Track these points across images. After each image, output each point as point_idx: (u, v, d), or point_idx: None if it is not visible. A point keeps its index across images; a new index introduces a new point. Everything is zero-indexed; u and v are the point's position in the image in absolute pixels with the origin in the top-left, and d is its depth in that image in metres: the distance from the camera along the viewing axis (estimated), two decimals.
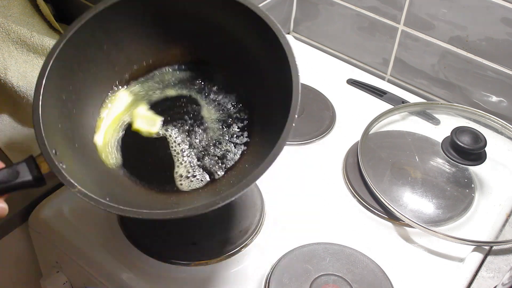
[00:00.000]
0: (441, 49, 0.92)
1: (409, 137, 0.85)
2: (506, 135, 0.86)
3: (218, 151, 0.64)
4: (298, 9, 1.07)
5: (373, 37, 0.99)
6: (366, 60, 1.03)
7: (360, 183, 0.78)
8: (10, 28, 0.75)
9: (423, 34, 0.93)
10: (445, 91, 0.96)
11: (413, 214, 0.73)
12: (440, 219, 0.74)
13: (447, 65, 0.93)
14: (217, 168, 0.63)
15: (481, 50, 0.88)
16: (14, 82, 0.74)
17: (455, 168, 0.79)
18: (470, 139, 0.77)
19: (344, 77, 1.00)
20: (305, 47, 1.08)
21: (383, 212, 0.75)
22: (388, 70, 1.01)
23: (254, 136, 0.64)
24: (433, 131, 0.86)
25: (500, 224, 0.75)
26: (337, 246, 0.69)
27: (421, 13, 0.91)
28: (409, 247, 0.72)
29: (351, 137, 0.86)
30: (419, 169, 0.80)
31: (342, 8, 1.00)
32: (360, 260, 0.67)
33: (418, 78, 0.98)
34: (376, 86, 0.98)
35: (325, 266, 0.66)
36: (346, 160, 0.82)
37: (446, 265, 0.70)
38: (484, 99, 0.92)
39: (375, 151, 0.82)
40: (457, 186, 0.78)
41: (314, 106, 0.92)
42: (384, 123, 0.87)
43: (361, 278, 0.65)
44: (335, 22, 1.03)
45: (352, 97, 0.96)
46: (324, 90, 0.95)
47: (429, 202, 0.75)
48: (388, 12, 0.95)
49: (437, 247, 0.72)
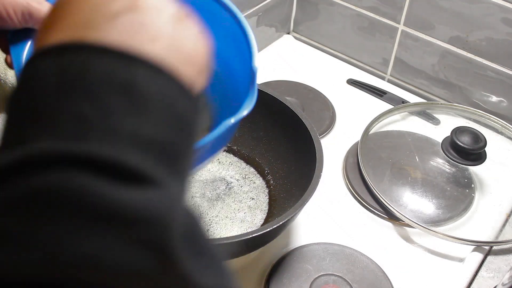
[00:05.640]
0: (441, 49, 0.92)
1: (409, 137, 0.85)
2: (506, 135, 0.86)
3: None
4: (298, 9, 1.07)
5: (373, 37, 0.99)
6: (366, 60, 1.03)
7: (360, 183, 0.78)
8: None
9: (423, 34, 0.93)
10: (445, 91, 0.96)
11: (413, 214, 0.73)
12: (440, 219, 0.74)
13: (447, 65, 0.93)
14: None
15: (481, 50, 0.88)
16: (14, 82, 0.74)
17: (455, 168, 0.79)
18: (470, 139, 0.77)
19: (344, 77, 1.00)
20: (305, 47, 1.08)
21: (383, 212, 0.75)
22: (388, 70, 1.01)
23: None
24: (433, 131, 0.86)
25: (500, 224, 0.75)
26: (337, 246, 0.69)
27: (421, 13, 0.91)
28: (409, 247, 0.72)
29: (351, 137, 0.86)
30: (419, 169, 0.80)
31: (342, 8, 1.00)
32: (360, 260, 0.67)
33: (418, 78, 0.98)
34: (376, 86, 0.98)
35: (325, 266, 0.66)
36: (346, 160, 0.82)
37: (446, 265, 0.70)
38: (484, 99, 0.92)
39: (375, 151, 0.82)
40: (457, 186, 0.78)
41: (314, 106, 0.92)
42: (384, 123, 0.87)
43: (361, 278, 0.65)
44: (335, 22, 1.03)
45: (352, 97, 0.96)
46: (324, 90, 0.95)
47: (429, 202, 0.75)
48: (388, 12, 0.95)
49: (437, 247, 0.72)
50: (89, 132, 0.21)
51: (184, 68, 0.25)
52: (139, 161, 0.21)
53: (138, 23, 0.24)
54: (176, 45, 0.26)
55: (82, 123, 0.21)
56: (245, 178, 0.76)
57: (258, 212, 0.72)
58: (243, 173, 0.77)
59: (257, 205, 0.73)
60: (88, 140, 0.21)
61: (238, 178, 0.76)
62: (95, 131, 0.21)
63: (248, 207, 0.72)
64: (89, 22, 0.24)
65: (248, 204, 0.72)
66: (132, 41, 0.24)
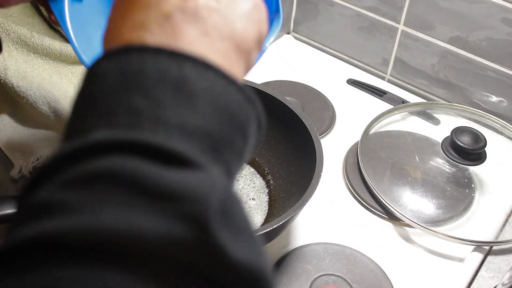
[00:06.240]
0: (441, 49, 0.92)
1: (409, 137, 0.85)
2: (506, 135, 0.86)
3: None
4: (298, 9, 1.07)
5: (373, 37, 0.99)
6: (366, 60, 1.03)
7: (360, 183, 0.78)
8: (10, 28, 0.75)
9: (423, 34, 0.93)
10: (445, 91, 0.96)
11: (413, 214, 0.73)
12: (440, 219, 0.74)
13: (447, 65, 0.93)
14: None
15: (481, 50, 0.88)
16: (14, 82, 0.74)
17: (455, 168, 0.79)
18: (470, 139, 0.77)
19: (344, 77, 1.00)
20: (305, 47, 1.08)
21: (383, 212, 0.75)
22: (388, 70, 1.01)
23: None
24: (433, 131, 0.86)
25: (500, 224, 0.75)
26: (337, 246, 0.69)
27: (421, 13, 0.91)
28: (409, 247, 0.72)
29: (351, 137, 0.86)
30: (419, 169, 0.80)
31: (342, 8, 1.00)
32: (360, 260, 0.67)
33: (418, 78, 0.98)
34: (376, 86, 0.98)
35: (325, 266, 0.66)
36: (346, 160, 0.82)
37: (446, 265, 0.70)
38: (484, 99, 0.92)
39: (375, 151, 0.82)
40: (457, 186, 0.78)
41: (314, 106, 0.92)
42: (384, 123, 0.87)
43: (361, 278, 0.65)
44: (335, 22, 1.03)
45: (352, 97, 0.96)
46: (324, 90, 0.95)
47: (429, 202, 0.75)
48: (388, 12, 0.95)
49: (437, 247, 0.72)
50: (142, 123, 0.25)
51: (232, 58, 0.29)
52: (185, 148, 0.24)
53: (189, 22, 0.28)
54: (225, 34, 0.29)
55: (137, 115, 0.25)
56: (245, 178, 0.76)
57: (258, 212, 0.72)
58: (243, 173, 0.77)
59: (257, 205, 0.73)
60: (141, 129, 0.25)
61: (238, 178, 0.76)
62: (147, 121, 0.25)
63: (248, 207, 0.72)
64: (145, 23, 0.28)
65: (248, 204, 0.72)
66: (183, 40, 0.27)
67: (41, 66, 0.79)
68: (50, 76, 0.79)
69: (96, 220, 0.21)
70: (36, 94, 0.74)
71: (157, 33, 0.27)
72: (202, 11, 0.29)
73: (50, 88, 0.76)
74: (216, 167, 0.25)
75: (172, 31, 0.28)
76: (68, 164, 0.23)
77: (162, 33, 0.27)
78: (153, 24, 0.28)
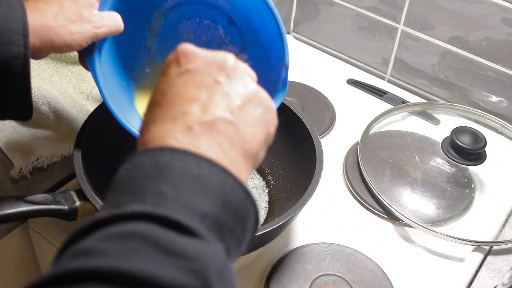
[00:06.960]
0: (441, 49, 0.92)
1: (409, 137, 0.85)
2: (506, 135, 0.86)
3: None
4: (298, 9, 1.07)
5: (373, 37, 0.99)
6: (366, 60, 1.03)
7: (360, 183, 0.78)
8: None
9: (423, 34, 0.93)
10: (445, 91, 0.96)
11: (413, 214, 0.73)
12: (440, 219, 0.74)
13: (447, 65, 0.93)
14: None
15: (481, 50, 0.88)
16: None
17: (455, 168, 0.79)
18: (470, 139, 0.77)
19: (344, 77, 1.00)
20: (305, 47, 1.08)
21: (383, 212, 0.75)
22: (388, 70, 1.01)
23: None
24: (433, 131, 0.86)
25: (500, 224, 0.75)
26: (337, 246, 0.69)
27: (421, 13, 0.91)
28: (409, 247, 0.72)
29: (351, 137, 0.86)
30: (419, 169, 0.80)
31: (342, 8, 1.00)
32: (360, 260, 0.67)
33: (418, 78, 0.98)
34: (376, 86, 0.98)
35: (325, 266, 0.66)
36: (346, 160, 0.82)
37: (446, 265, 0.70)
38: (484, 99, 0.92)
39: (375, 151, 0.82)
40: (457, 186, 0.78)
41: (314, 106, 0.92)
42: (384, 123, 0.87)
43: (361, 278, 0.65)
44: (335, 22, 1.03)
45: (352, 97, 0.96)
46: (324, 90, 0.95)
47: (429, 202, 0.75)
48: (388, 12, 0.95)
49: (437, 247, 0.72)
50: (166, 203, 0.33)
51: (240, 162, 0.37)
52: (197, 225, 0.32)
53: (206, 133, 0.36)
54: (237, 144, 0.37)
55: (163, 197, 0.33)
56: None
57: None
58: None
59: (257, 205, 0.72)
60: (164, 207, 0.33)
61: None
62: (170, 203, 0.33)
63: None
64: (172, 133, 0.36)
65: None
66: (201, 148, 0.36)
67: (41, 66, 0.79)
68: (50, 76, 0.79)
69: (128, 264, 0.28)
70: (36, 94, 0.74)
71: (181, 141, 0.36)
72: (217, 124, 0.37)
73: (50, 88, 0.76)
74: (219, 243, 0.33)
75: (193, 139, 0.36)
76: (107, 225, 0.31)
77: (185, 140, 0.36)
78: (179, 134, 0.36)
